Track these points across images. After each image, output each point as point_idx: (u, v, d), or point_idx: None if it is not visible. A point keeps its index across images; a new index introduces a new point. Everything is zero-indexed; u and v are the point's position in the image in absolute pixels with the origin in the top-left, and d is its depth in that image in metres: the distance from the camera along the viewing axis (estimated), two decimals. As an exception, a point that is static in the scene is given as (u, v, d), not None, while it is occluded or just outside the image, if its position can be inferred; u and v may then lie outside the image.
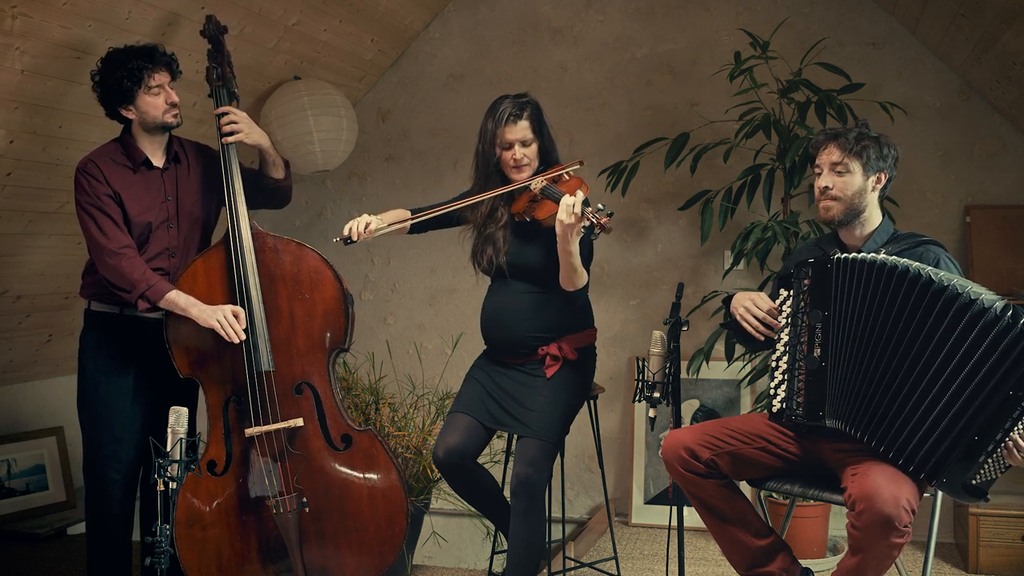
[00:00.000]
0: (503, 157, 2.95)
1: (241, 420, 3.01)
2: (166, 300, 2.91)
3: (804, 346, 2.55)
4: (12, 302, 3.86)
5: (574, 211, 2.66)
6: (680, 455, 2.61)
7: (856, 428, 2.45)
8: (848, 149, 2.58)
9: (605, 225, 2.67)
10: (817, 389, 2.52)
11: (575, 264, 2.81)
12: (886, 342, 2.41)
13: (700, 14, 4.39)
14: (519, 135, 2.92)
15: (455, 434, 2.96)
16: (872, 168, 2.59)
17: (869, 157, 2.58)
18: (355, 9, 4.14)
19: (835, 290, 2.51)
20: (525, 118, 2.93)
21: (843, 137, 2.60)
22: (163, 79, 2.97)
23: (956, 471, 2.32)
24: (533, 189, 2.90)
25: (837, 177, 2.59)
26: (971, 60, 3.84)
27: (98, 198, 2.91)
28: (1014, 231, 3.96)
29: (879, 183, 2.61)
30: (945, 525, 3.96)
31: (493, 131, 2.93)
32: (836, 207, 2.60)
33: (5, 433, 4.27)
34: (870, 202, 2.61)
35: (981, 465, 2.31)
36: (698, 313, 4.05)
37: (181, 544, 2.96)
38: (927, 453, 2.33)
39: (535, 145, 2.96)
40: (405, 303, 4.88)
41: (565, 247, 2.76)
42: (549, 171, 2.96)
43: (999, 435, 2.26)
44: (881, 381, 2.42)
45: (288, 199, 3.32)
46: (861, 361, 2.46)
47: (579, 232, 2.73)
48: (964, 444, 2.30)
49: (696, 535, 4.02)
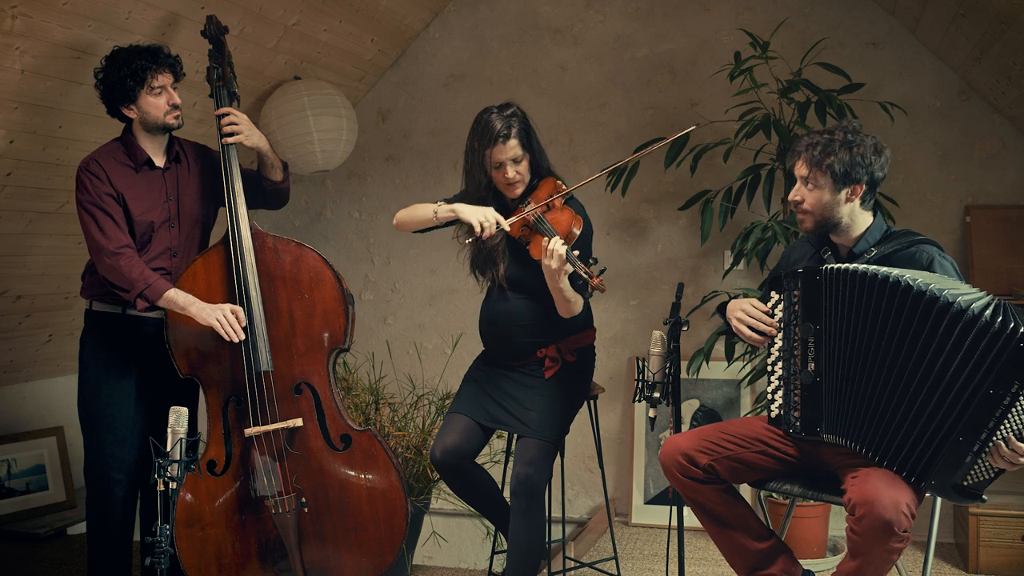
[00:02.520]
0: (495, 177, 2.90)
1: (241, 420, 3.01)
2: (164, 299, 2.91)
3: (798, 359, 2.54)
4: (12, 302, 3.86)
5: (559, 258, 2.66)
6: (678, 461, 2.60)
7: (853, 441, 2.44)
8: (815, 163, 2.50)
9: (598, 286, 2.67)
10: (813, 404, 2.51)
11: (567, 296, 2.81)
12: (875, 352, 2.40)
13: (700, 14, 4.39)
14: (509, 154, 2.85)
15: (453, 434, 2.96)
16: (842, 182, 2.49)
17: (835, 172, 2.48)
18: (355, 9, 4.14)
19: (825, 303, 2.48)
20: (514, 136, 2.84)
21: (811, 150, 2.51)
22: (166, 80, 2.97)
23: (944, 473, 2.30)
24: (528, 219, 2.86)
25: (807, 191, 2.54)
26: (971, 60, 3.84)
27: (99, 197, 2.91)
28: (1014, 231, 3.96)
29: (854, 195, 2.52)
30: (945, 525, 3.96)
31: (481, 152, 2.86)
32: (808, 220, 2.57)
33: (5, 433, 4.27)
34: (847, 212, 2.54)
35: (970, 466, 2.29)
36: (698, 313, 4.05)
37: (181, 544, 2.97)
38: (916, 457, 2.32)
39: (526, 160, 2.90)
40: (405, 303, 4.88)
41: (554, 284, 2.76)
42: (544, 194, 2.91)
43: (983, 435, 2.24)
44: (873, 392, 2.40)
45: (286, 200, 3.33)
46: (854, 374, 2.44)
47: (566, 273, 2.72)
48: (949, 445, 2.28)
49: (696, 535, 4.02)
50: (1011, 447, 2.22)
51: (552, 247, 2.68)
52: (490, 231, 2.79)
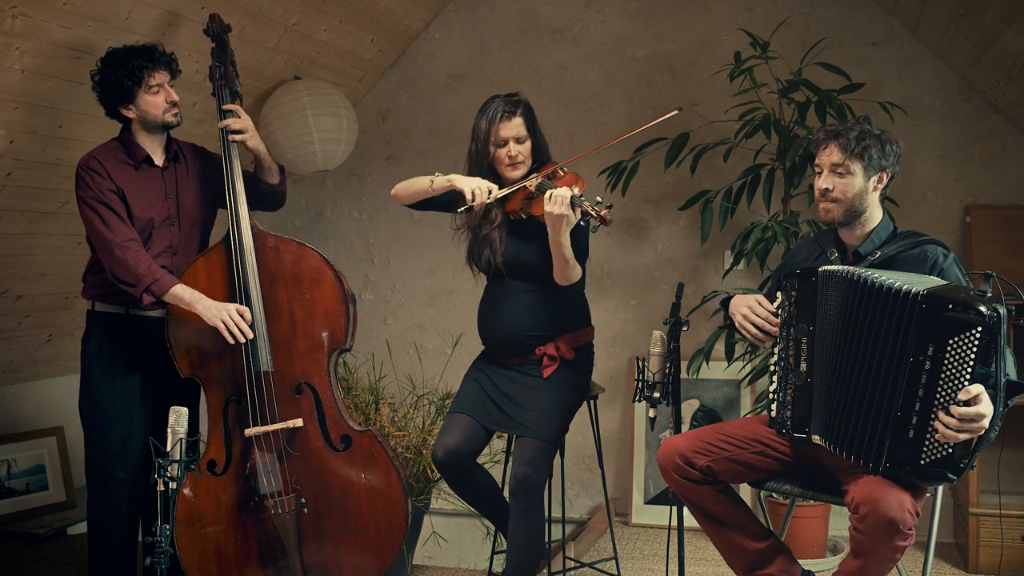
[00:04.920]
0: (497, 155, 2.94)
1: (241, 420, 3.01)
2: (171, 294, 2.91)
3: (792, 359, 2.55)
4: (12, 302, 3.86)
5: (563, 201, 2.67)
6: (676, 462, 2.60)
7: (836, 445, 2.45)
8: (849, 150, 2.51)
9: (605, 217, 2.67)
10: (804, 404, 2.52)
11: (567, 256, 2.80)
12: (856, 355, 2.41)
13: (700, 14, 4.39)
14: (513, 132, 2.92)
15: (454, 434, 2.96)
16: (874, 168, 2.53)
17: (871, 157, 2.51)
18: (355, 9, 4.14)
19: (819, 304, 2.49)
20: (519, 115, 2.93)
21: (844, 137, 2.53)
22: (163, 78, 2.97)
23: (897, 454, 2.29)
24: (529, 187, 2.89)
25: (838, 179, 2.54)
26: (971, 60, 3.84)
27: (101, 192, 2.91)
28: (1014, 231, 3.96)
29: (880, 183, 2.56)
30: (945, 525, 3.96)
31: (487, 129, 2.93)
32: (836, 209, 2.56)
33: (5, 433, 4.27)
34: (871, 202, 2.56)
35: (919, 443, 2.26)
36: (698, 313, 4.05)
37: (181, 544, 2.96)
38: (877, 445, 2.33)
39: (529, 143, 2.96)
40: (405, 303, 4.88)
41: (556, 238, 2.76)
42: (544, 168, 2.96)
43: (917, 405, 2.25)
44: (854, 396, 2.41)
45: (282, 203, 3.33)
46: (839, 377, 2.45)
47: (569, 223, 2.73)
48: (892, 423, 2.29)
49: (696, 535, 4.02)
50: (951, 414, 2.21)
51: (557, 192, 2.70)
52: (481, 199, 2.83)
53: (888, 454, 2.30)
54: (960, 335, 2.20)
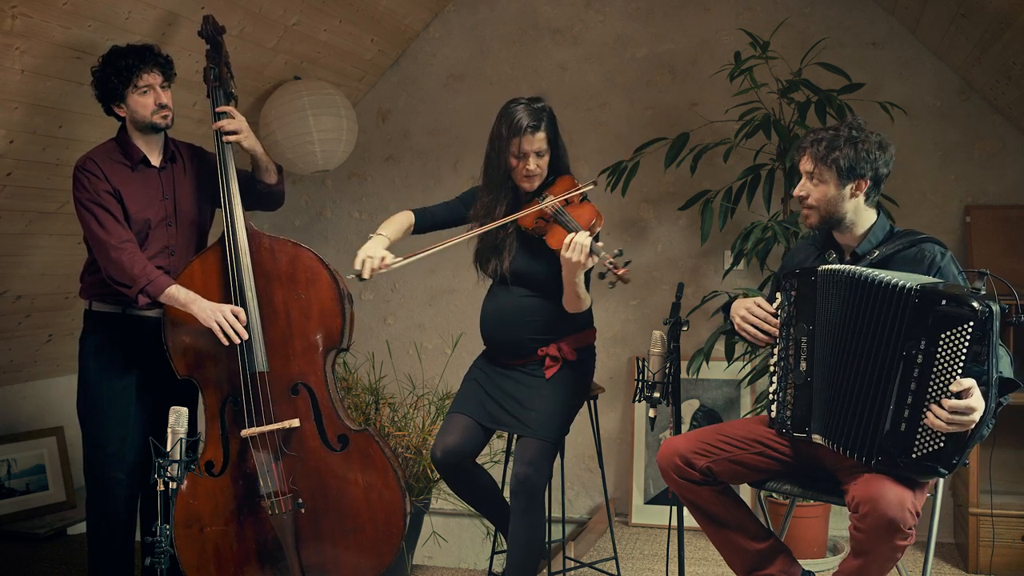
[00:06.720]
0: (515, 166, 2.91)
1: (238, 421, 3.00)
2: (166, 295, 2.91)
3: (792, 359, 2.55)
4: (12, 302, 3.86)
5: (582, 250, 2.67)
6: (675, 463, 2.60)
7: (834, 441, 2.45)
8: (820, 159, 2.52)
9: (623, 276, 2.66)
10: (804, 404, 2.53)
11: (580, 293, 2.83)
12: (854, 352, 2.41)
13: (700, 14, 4.39)
14: (535, 146, 2.88)
15: (453, 434, 2.96)
16: (847, 176, 2.51)
17: (840, 168, 2.50)
18: (355, 9, 4.14)
19: (818, 304, 2.50)
20: (543, 129, 2.89)
21: (816, 146, 2.53)
22: (153, 80, 2.96)
23: (889, 447, 2.30)
24: (546, 210, 2.87)
25: (812, 187, 2.56)
26: (971, 60, 3.83)
27: (97, 194, 2.91)
28: (1014, 231, 3.96)
29: (859, 190, 2.53)
30: (945, 525, 3.96)
31: (508, 139, 2.87)
32: (813, 215, 2.58)
33: (5, 433, 4.27)
34: (851, 208, 2.55)
35: (912, 436, 2.27)
36: (698, 313, 4.05)
37: (180, 544, 2.96)
38: (870, 438, 2.34)
39: (548, 156, 2.93)
40: (405, 303, 4.88)
41: (570, 279, 2.77)
42: (561, 189, 2.92)
43: (909, 398, 2.27)
44: (852, 393, 2.41)
45: (280, 203, 3.33)
46: (838, 375, 2.45)
47: (585, 267, 2.73)
48: (885, 417, 2.31)
49: (696, 535, 4.01)
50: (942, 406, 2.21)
51: (577, 240, 2.69)
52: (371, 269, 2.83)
53: (880, 447, 2.32)
54: (952, 329, 2.22)
